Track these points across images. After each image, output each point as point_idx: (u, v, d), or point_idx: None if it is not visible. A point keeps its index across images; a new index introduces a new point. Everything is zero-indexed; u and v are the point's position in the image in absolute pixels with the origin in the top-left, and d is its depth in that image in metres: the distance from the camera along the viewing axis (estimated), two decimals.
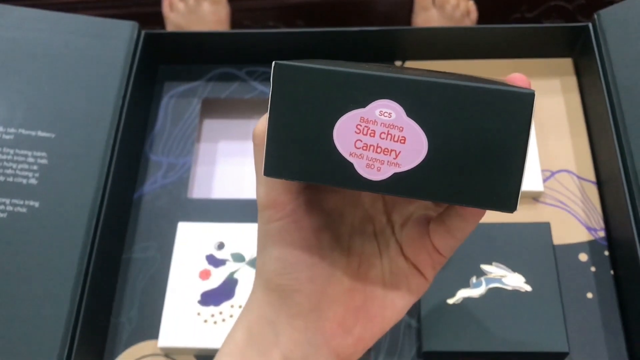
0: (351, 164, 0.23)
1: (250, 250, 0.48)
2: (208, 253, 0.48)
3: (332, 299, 0.28)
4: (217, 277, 0.47)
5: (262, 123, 0.25)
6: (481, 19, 0.94)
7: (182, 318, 0.46)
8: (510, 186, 0.22)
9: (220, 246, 0.48)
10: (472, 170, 0.22)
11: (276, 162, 0.23)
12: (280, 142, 0.23)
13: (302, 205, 0.27)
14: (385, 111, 0.22)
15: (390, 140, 0.22)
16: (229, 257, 0.48)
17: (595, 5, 0.97)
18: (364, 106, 0.22)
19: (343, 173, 0.23)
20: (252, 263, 0.47)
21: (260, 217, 0.27)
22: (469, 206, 0.23)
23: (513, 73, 0.26)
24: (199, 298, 0.46)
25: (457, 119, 0.22)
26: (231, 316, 0.45)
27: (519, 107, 0.21)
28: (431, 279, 0.29)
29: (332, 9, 1.01)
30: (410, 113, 0.22)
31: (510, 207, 0.22)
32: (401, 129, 0.22)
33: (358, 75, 0.22)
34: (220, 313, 0.46)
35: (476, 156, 0.22)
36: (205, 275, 0.47)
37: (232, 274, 0.47)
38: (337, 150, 0.23)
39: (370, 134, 0.22)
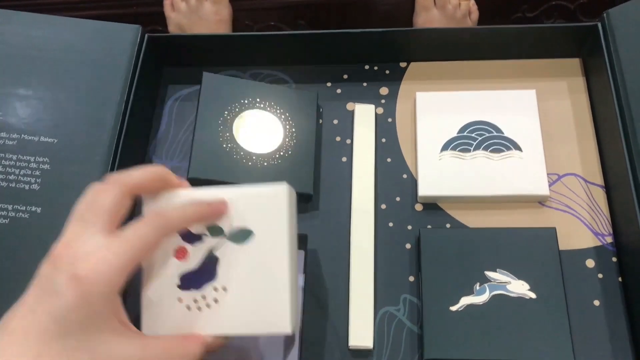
0: None
1: (228, 220, 0.42)
2: None
3: None
4: (195, 256, 0.41)
5: None
6: (482, 18, 0.93)
7: (163, 306, 0.41)
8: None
9: None
10: None
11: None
12: None
13: None
14: None
15: None
16: (205, 231, 0.42)
17: (597, 4, 0.95)
18: None
19: None
20: (233, 237, 0.41)
21: None
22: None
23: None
24: (177, 282, 0.41)
25: None
26: (215, 300, 0.40)
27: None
28: None
29: (333, 8, 1.00)
30: None
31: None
32: None
33: None
34: (204, 297, 0.41)
35: None
36: (181, 254, 0.42)
37: (211, 251, 0.41)
38: None
39: None
